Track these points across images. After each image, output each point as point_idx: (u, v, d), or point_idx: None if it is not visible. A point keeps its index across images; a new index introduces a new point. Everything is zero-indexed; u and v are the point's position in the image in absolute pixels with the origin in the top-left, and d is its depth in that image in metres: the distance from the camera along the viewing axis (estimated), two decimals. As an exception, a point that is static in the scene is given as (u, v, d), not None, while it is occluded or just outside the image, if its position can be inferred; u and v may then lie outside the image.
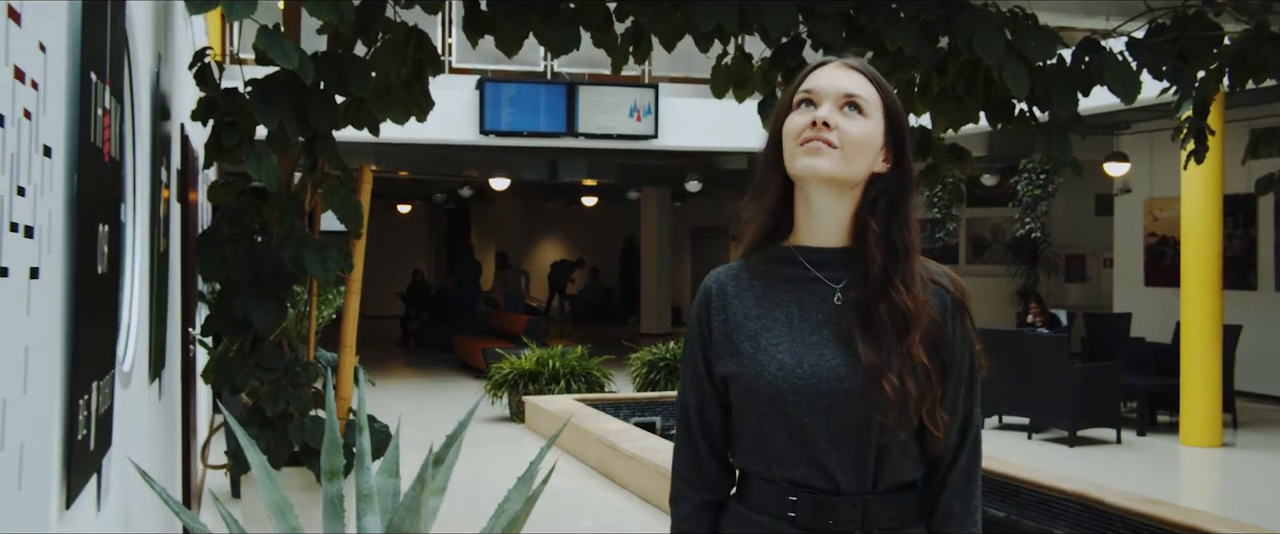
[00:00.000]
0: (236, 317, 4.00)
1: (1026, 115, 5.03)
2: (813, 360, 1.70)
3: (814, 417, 1.68)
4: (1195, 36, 5.00)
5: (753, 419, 1.75)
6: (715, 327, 1.79)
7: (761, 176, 1.80)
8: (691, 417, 1.82)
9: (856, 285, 1.73)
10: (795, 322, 1.74)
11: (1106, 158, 11.47)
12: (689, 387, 1.83)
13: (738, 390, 1.75)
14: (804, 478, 1.71)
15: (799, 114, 1.74)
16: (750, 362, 1.73)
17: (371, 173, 4.40)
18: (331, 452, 2.56)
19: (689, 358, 1.84)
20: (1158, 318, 11.60)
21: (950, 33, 4.45)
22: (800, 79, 1.78)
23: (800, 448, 1.70)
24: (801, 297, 1.75)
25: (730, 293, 1.80)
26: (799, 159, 1.71)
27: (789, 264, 1.77)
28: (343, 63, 3.90)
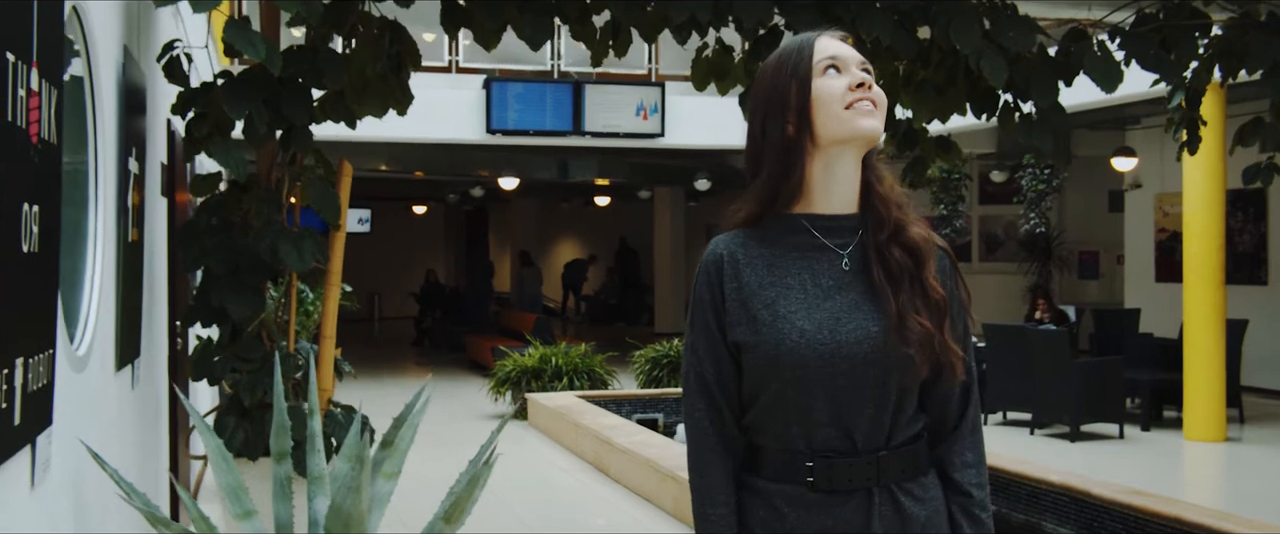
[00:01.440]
0: (214, 307, 4.06)
1: (1011, 107, 5.03)
2: (831, 326, 1.74)
3: (835, 380, 1.72)
4: (1181, 26, 4.98)
5: (772, 385, 1.75)
6: (728, 294, 1.78)
7: (778, 144, 1.78)
8: (711, 384, 1.80)
9: (868, 241, 1.78)
10: (809, 288, 1.77)
11: (1114, 152, 11.41)
12: (704, 356, 1.80)
13: (755, 359, 1.75)
14: (823, 441, 1.75)
15: (833, 79, 1.76)
16: (770, 330, 1.74)
17: (351, 168, 4.44)
18: (279, 434, 2.59)
19: (701, 326, 1.81)
20: (1167, 314, 11.53)
21: (927, 22, 4.45)
22: (805, 49, 1.79)
23: (821, 411, 1.73)
24: (811, 264, 1.78)
25: (741, 261, 1.79)
26: (856, 121, 1.74)
27: (796, 232, 1.79)
28: (317, 56, 3.94)
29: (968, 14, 4.40)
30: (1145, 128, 12.22)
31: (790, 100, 1.77)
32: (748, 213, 1.83)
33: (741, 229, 1.84)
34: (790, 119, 1.77)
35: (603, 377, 9.88)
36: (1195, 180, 8.79)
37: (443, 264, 25.00)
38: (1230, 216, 11.46)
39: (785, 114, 1.78)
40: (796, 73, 1.78)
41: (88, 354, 2.67)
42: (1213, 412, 8.66)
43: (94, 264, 2.83)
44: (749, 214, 1.83)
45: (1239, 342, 9.39)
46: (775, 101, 1.79)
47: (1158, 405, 9.47)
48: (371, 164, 14.08)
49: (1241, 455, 8.51)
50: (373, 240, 23.73)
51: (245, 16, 3.45)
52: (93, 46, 2.75)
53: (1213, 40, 5.32)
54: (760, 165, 1.82)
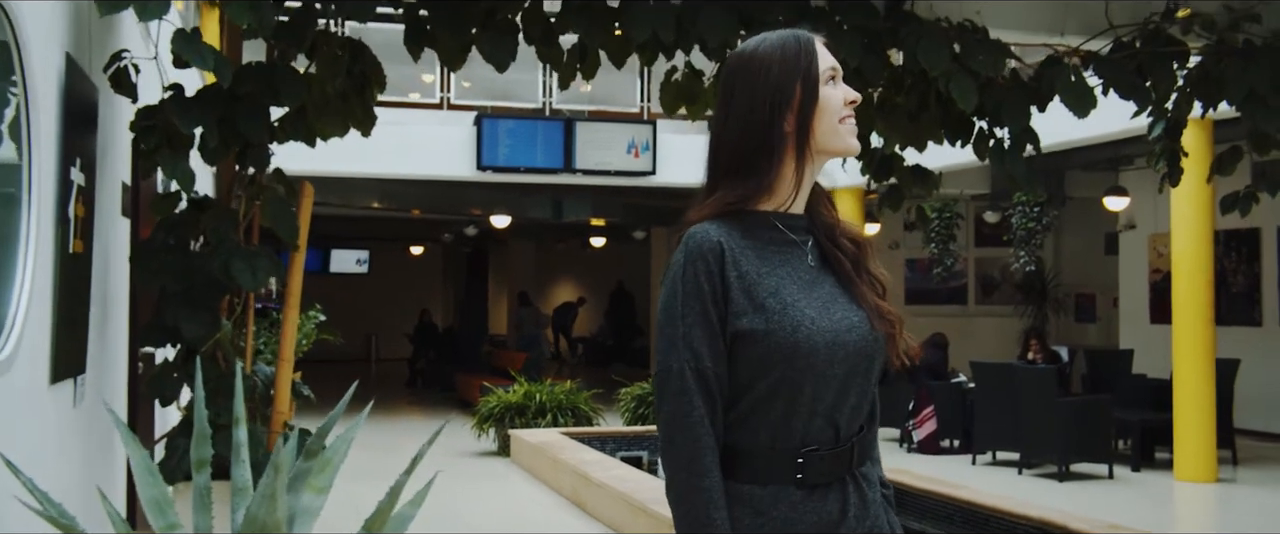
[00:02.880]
0: (168, 327, 3.99)
1: (986, 134, 4.98)
2: (827, 315, 1.74)
3: (833, 369, 1.71)
4: (1158, 53, 4.94)
5: (769, 376, 1.70)
6: (731, 282, 1.71)
7: (773, 139, 1.75)
8: (711, 380, 1.69)
9: (820, 238, 1.82)
10: (796, 280, 1.76)
11: (1106, 191, 11.35)
12: (703, 350, 1.69)
13: (765, 348, 1.69)
14: (815, 434, 1.72)
15: (831, 90, 1.78)
16: (781, 317, 1.70)
17: (312, 189, 4.39)
18: (200, 443, 2.52)
19: (698, 316, 1.70)
20: (1161, 355, 11.40)
21: (896, 44, 4.42)
22: (811, 50, 1.77)
23: (819, 401, 1.71)
24: (787, 258, 1.78)
25: (735, 250, 1.73)
26: (848, 138, 1.79)
27: (764, 228, 1.78)
28: (275, 72, 3.91)
29: (937, 36, 4.37)
30: (1138, 169, 12.16)
31: (795, 99, 1.75)
32: (726, 203, 1.77)
33: (716, 220, 1.77)
34: (791, 118, 1.75)
35: (587, 413, 9.77)
36: (1183, 217, 8.73)
37: (440, 305, 24.93)
38: (1223, 257, 11.41)
39: (786, 111, 1.75)
40: (808, 75, 1.76)
41: (12, 359, 2.61)
42: (1203, 452, 8.53)
43: (25, 270, 2.77)
44: (727, 205, 1.77)
45: (1231, 381, 9.28)
46: (781, 96, 1.75)
47: (1149, 446, 9.35)
48: (364, 201, 14.06)
49: (1232, 496, 8.37)
50: (370, 281, 23.71)
51: (195, 28, 3.42)
52: (25, 49, 2.71)
53: (1191, 70, 5.28)
54: (744, 154, 1.77)
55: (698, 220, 1.79)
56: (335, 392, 3.32)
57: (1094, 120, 8.21)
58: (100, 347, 3.99)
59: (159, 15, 3.19)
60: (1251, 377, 10.10)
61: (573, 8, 4.17)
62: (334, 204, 14.16)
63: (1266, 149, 5.21)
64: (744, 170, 1.77)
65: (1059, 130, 9.48)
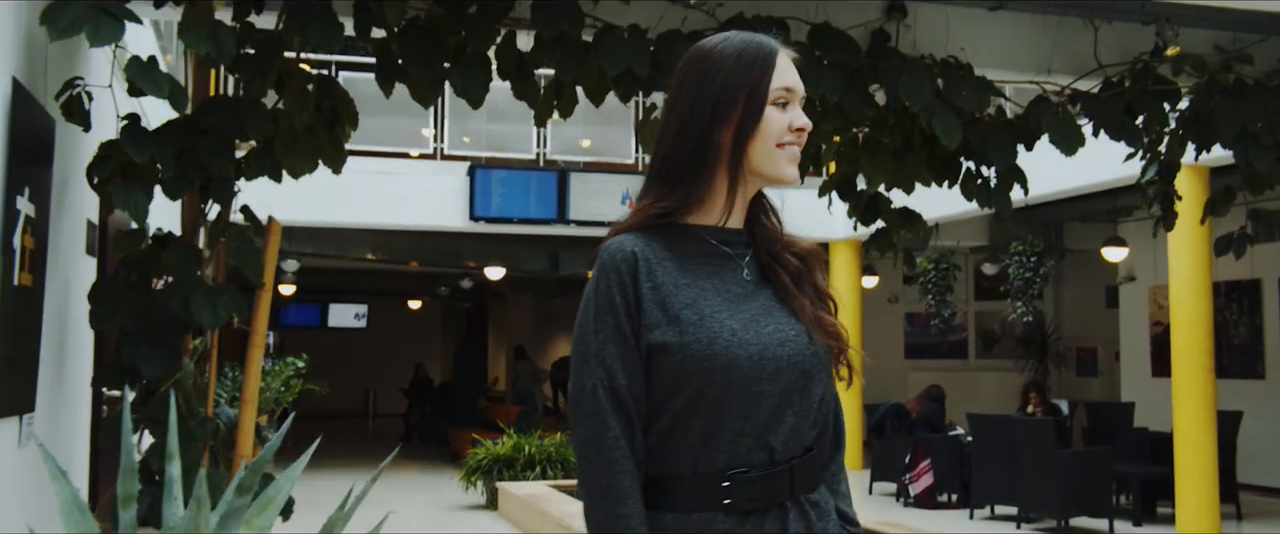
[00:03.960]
0: (126, 366, 3.87)
1: (973, 174, 4.88)
2: (755, 328, 1.63)
3: (762, 385, 1.60)
4: (1147, 91, 4.86)
5: (685, 392, 1.58)
6: (644, 293, 1.60)
7: (698, 154, 1.65)
8: (626, 398, 1.58)
9: (761, 253, 1.72)
10: (722, 292, 1.66)
11: (1104, 242, 11.25)
12: (617, 366, 1.58)
13: (679, 363, 1.57)
14: (743, 455, 1.60)
15: (777, 112, 1.66)
16: (698, 329, 1.58)
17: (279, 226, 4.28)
18: (127, 477, 2.39)
19: (612, 332, 1.59)
20: (1162, 408, 11.21)
21: (877, 80, 4.33)
22: (768, 65, 1.66)
23: (745, 420, 1.59)
24: (717, 269, 1.68)
25: (652, 261, 1.63)
26: (782, 166, 1.67)
27: (692, 241, 1.68)
28: (240, 105, 3.82)
29: (919, 72, 4.28)
30: (1137, 220, 12.07)
31: (736, 112, 1.64)
32: (651, 215, 1.66)
33: (636, 232, 1.67)
34: (728, 131, 1.65)
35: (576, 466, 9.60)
36: (1181, 268, 8.62)
37: (439, 360, 24.77)
38: (1224, 309, 11.27)
39: (725, 122, 1.65)
40: (755, 90, 1.64)
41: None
42: (1205, 505, 8.34)
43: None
44: (651, 216, 1.66)
45: (1233, 434, 9.11)
46: (723, 104, 1.65)
47: (1150, 500, 9.15)
48: (359, 252, 14.00)
49: (1237, 552, 8.18)
50: (369, 336, 23.56)
51: (152, 57, 3.33)
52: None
53: (1183, 112, 5.20)
54: (677, 162, 1.67)
55: (618, 232, 1.68)
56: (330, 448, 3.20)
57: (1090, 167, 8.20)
58: (56, 385, 3.86)
59: (112, 40, 3.11)
60: (1255, 430, 9.92)
61: (546, 42, 4.09)
62: (330, 255, 14.10)
63: (1260, 189, 5.11)
64: (675, 179, 1.67)
65: (1055, 178, 9.49)
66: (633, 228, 1.67)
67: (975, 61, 4.64)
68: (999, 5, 5.00)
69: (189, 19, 3.32)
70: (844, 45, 4.28)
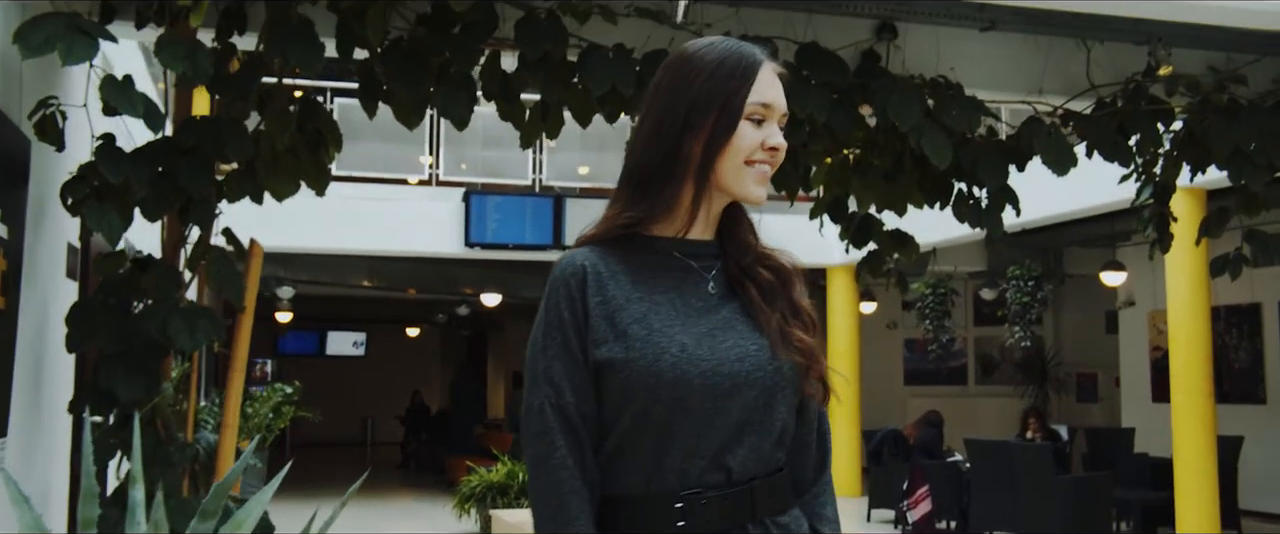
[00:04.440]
0: (103, 391, 3.81)
1: (965, 195, 4.83)
2: (710, 343, 1.56)
3: (716, 404, 1.53)
4: (1139, 112, 4.81)
5: (631, 410, 1.52)
6: (592, 307, 1.55)
7: (666, 163, 1.58)
8: (574, 417, 1.53)
9: (731, 266, 1.66)
10: (679, 306, 1.59)
11: (1103, 266, 11.19)
12: (564, 383, 1.54)
13: (625, 380, 1.51)
14: (697, 475, 1.53)
15: (753, 128, 1.59)
16: (644, 344, 1.52)
17: (261, 249, 4.23)
18: (87, 502, 2.33)
19: (559, 348, 1.55)
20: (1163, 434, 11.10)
21: (866, 100, 4.28)
22: (747, 78, 1.58)
23: (698, 440, 1.53)
24: (678, 283, 1.61)
25: (604, 274, 1.58)
26: (748, 185, 1.59)
27: (654, 253, 1.62)
28: (220, 125, 3.77)
29: (908, 92, 4.24)
30: (1136, 245, 12.01)
31: (709, 124, 1.57)
32: (617, 225, 1.61)
33: (594, 245, 1.63)
34: (698, 142, 1.58)
35: (574, 493, 9.50)
36: (1179, 292, 8.56)
37: (438, 388, 24.67)
38: (1224, 333, 11.20)
39: (696, 133, 1.58)
40: (729, 102, 1.57)
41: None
42: (1206, 531, 8.25)
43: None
44: (616, 227, 1.61)
45: (1234, 460, 9.03)
46: (697, 113, 1.58)
47: (1151, 526, 9.06)
48: (354, 279, 13.94)
49: (1239, 579, 8.08)
50: (367, 364, 23.50)
51: (128, 76, 3.29)
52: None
53: (1177, 133, 5.16)
54: (646, 170, 1.60)
55: (582, 244, 1.64)
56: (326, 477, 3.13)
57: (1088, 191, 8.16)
58: (32, 410, 3.81)
59: (85, 58, 3.07)
60: (1256, 455, 9.83)
61: (529, 62, 4.05)
62: (326, 282, 14.04)
63: (1255, 210, 5.06)
64: (643, 188, 1.61)
65: (1053, 202, 9.44)
66: (596, 238, 1.64)
67: (966, 82, 4.60)
68: (990, 25, 4.96)
69: (165, 38, 3.27)
70: (832, 65, 4.24)
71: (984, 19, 4.94)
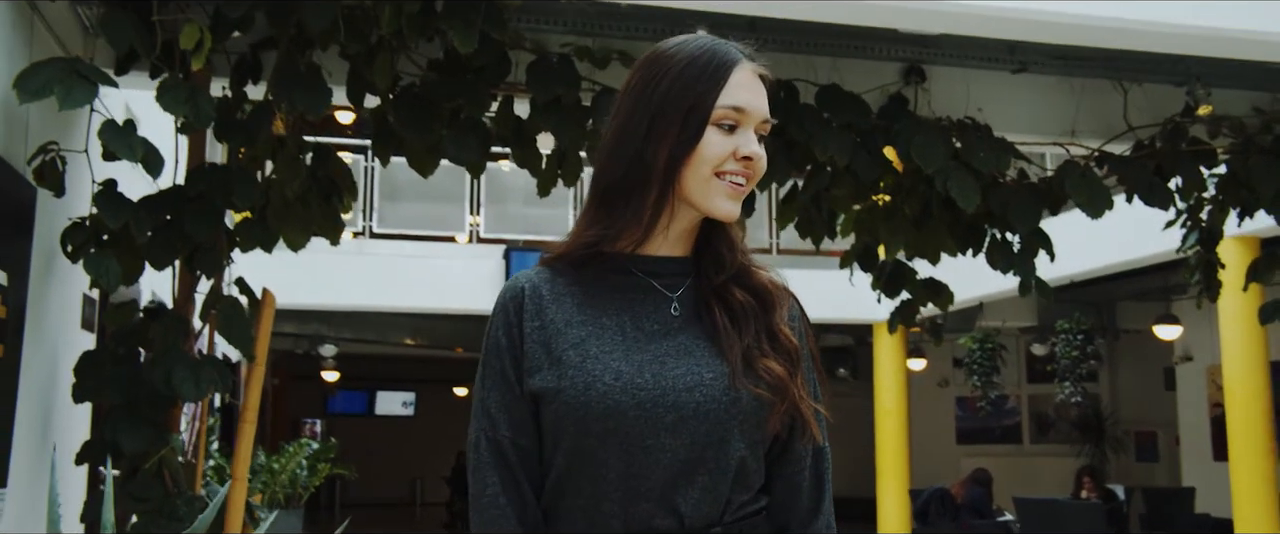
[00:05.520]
0: (108, 442, 3.75)
1: (999, 241, 4.67)
2: (654, 369, 1.40)
3: (659, 438, 1.37)
4: (1180, 153, 4.65)
5: (563, 446, 1.39)
6: (528, 333, 1.43)
7: (629, 174, 1.44)
8: (507, 451, 1.41)
9: (703, 284, 1.49)
10: (628, 330, 1.44)
11: (1156, 319, 10.88)
12: (498, 415, 1.42)
13: (556, 411, 1.39)
14: (644, 520, 1.38)
15: (722, 135, 1.42)
16: (577, 372, 1.39)
17: (274, 298, 4.17)
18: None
19: (496, 377, 1.44)
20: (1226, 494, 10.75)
21: (888, 142, 4.16)
22: (717, 81, 1.43)
23: (639, 479, 1.37)
24: (633, 304, 1.46)
25: (546, 296, 1.46)
26: (714, 199, 1.43)
27: (614, 272, 1.48)
28: (229, 173, 3.74)
29: (933, 132, 4.12)
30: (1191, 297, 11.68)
31: (675, 130, 1.42)
32: (583, 244, 1.46)
33: (547, 265, 1.51)
34: (663, 150, 1.43)
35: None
36: (1234, 345, 8.27)
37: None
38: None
39: (661, 141, 1.43)
40: (696, 106, 1.42)
41: None
42: (1272, 596, 7.89)
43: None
44: (582, 246, 1.47)
45: (1299, 519, 8.64)
46: (661, 118, 1.43)
47: (1214, 591, 8.70)
48: (398, 337, 13.93)
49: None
50: (417, 424, 23.45)
51: (129, 120, 3.26)
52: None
53: (1222, 176, 4.98)
54: (611, 181, 1.46)
55: (542, 264, 1.52)
56: None
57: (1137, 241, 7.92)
58: (38, 460, 3.76)
59: (83, 103, 3.04)
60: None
61: (541, 106, 3.98)
62: (370, 340, 14.05)
63: (1306, 254, 4.86)
64: (608, 201, 1.46)
65: (1102, 254, 9.20)
66: (559, 257, 1.50)
67: (996, 124, 4.47)
68: (1021, 68, 4.84)
69: (167, 83, 3.24)
70: (853, 106, 4.13)
71: (1015, 61, 4.82)
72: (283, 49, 3.72)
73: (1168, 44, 4.18)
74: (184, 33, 3.25)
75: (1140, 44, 4.11)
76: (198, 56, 3.27)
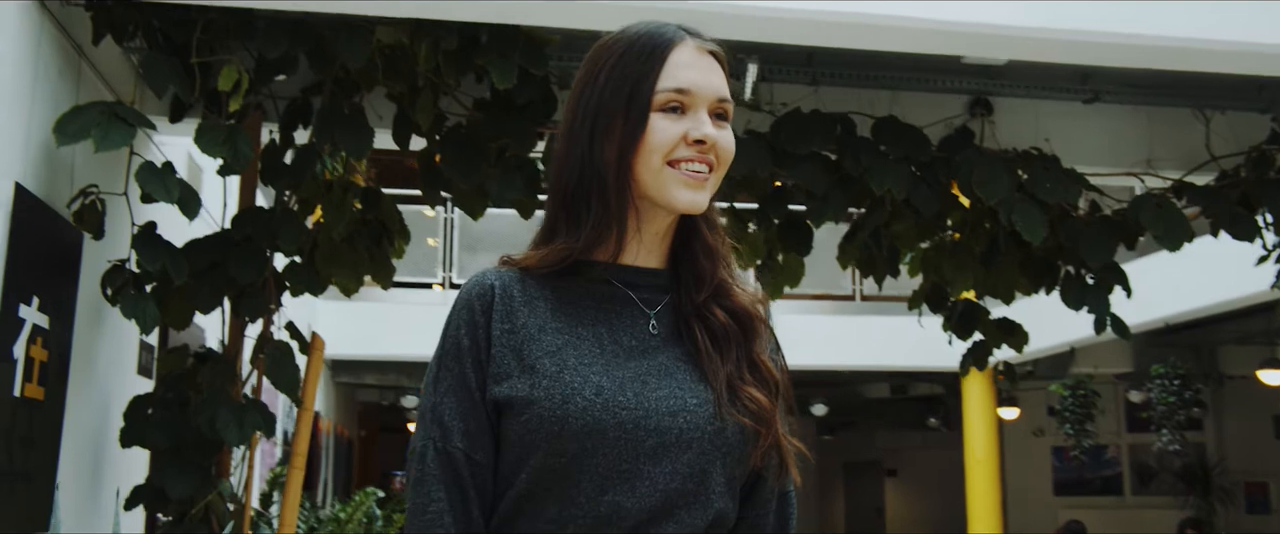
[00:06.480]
0: (154, 487, 3.74)
1: (1074, 277, 4.46)
2: (637, 390, 1.28)
3: (637, 464, 1.25)
4: (1266, 181, 4.41)
5: (530, 463, 1.26)
6: (496, 336, 1.31)
7: (583, 177, 1.33)
8: (460, 464, 1.27)
9: (683, 301, 1.38)
10: (606, 343, 1.32)
11: (1260, 364, 10.38)
12: (453, 424, 1.28)
13: (526, 424, 1.26)
14: None
15: (669, 120, 1.31)
16: (553, 382, 1.26)
17: (323, 342, 4.14)
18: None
19: (453, 382, 1.30)
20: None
21: (950, 174, 4.00)
22: (653, 64, 1.32)
23: (611, 508, 1.25)
24: (610, 316, 1.35)
25: (517, 298, 1.33)
26: (680, 190, 1.31)
27: (594, 280, 1.37)
28: (274, 216, 3.73)
29: (994, 162, 3.95)
30: (1298, 341, 11.16)
31: (619, 124, 1.32)
32: (556, 257, 1.34)
33: (514, 266, 1.38)
34: (612, 146, 1.32)
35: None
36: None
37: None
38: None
39: (608, 136, 1.32)
40: (635, 92, 1.32)
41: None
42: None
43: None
44: (539, 260, 1.35)
45: None
46: (603, 114, 1.33)
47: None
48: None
49: None
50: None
51: (168, 162, 3.27)
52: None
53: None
54: (566, 187, 1.35)
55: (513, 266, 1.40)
56: None
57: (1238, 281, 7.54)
58: (88, 506, 3.76)
59: (120, 145, 3.05)
60: None
61: (589, 143, 3.91)
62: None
63: None
64: (570, 209, 1.35)
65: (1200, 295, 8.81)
66: (529, 269, 1.38)
67: (1066, 156, 4.27)
68: (1093, 97, 4.65)
69: (205, 125, 3.24)
70: (911, 138, 3.99)
71: (1087, 90, 4.64)
72: (327, 91, 3.72)
73: (1252, 65, 3.95)
74: (222, 74, 3.26)
75: (1223, 67, 3.88)
76: (236, 98, 3.27)
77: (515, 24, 3.43)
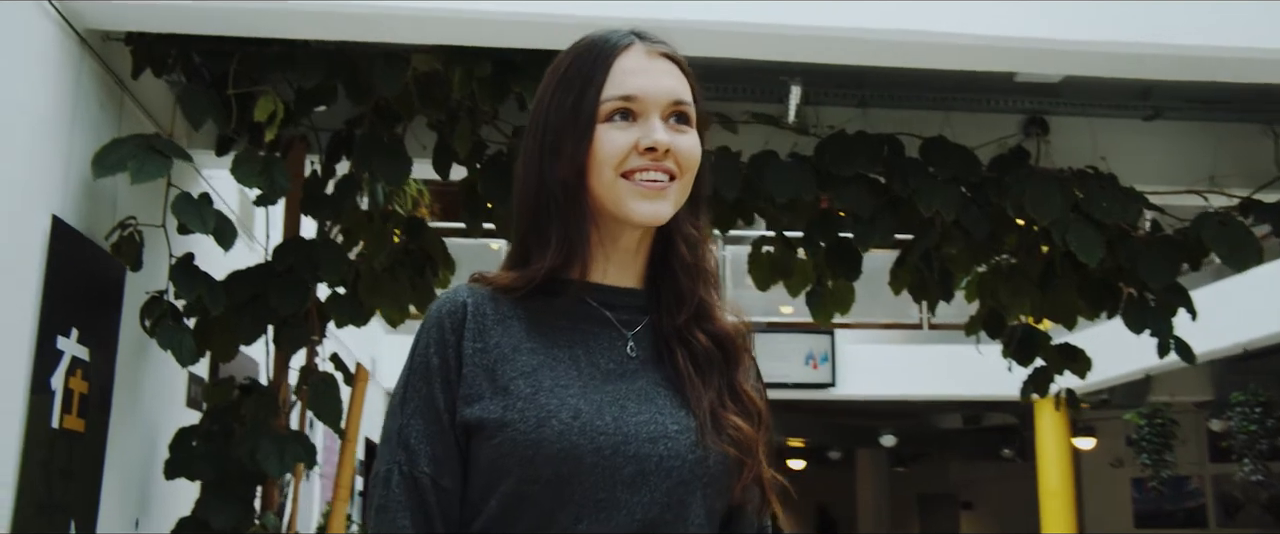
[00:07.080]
0: (198, 520, 3.74)
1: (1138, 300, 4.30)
2: (615, 414, 1.22)
3: (614, 493, 1.19)
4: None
5: (501, 489, 1.20)
6: (468, 355, 1.24)
7: (541, 196, 1.28)
8: (426, 489, 1.21)
9: (664, 323, 1.31)
10: (583, 365, 1.26)
11: (1345, 391, 10.00)
12: (419, 446, 1.23)
13: (498, 448, 1.20)
14: None
15: (618, 130, 1.26)
16: (528, 405, 1.20)
17: (367, 373, 4.13)
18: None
19: (421, 404, 1.24)
20: None
21: (1000, 194, 3.89)
22: (597, 72, 1.27)
23: None
24: (586, 337, 1.29)
25: (489, 316, 1.27)
26: (635, 203, 1.25)
27: (571, 299, 1.30)
28: (315, 247, 3.73)
29: (1047, 181, 3.83)
30: (1388, 367, 10.73)
31: (566, 140, 1.26)
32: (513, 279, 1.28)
33: (485, 284, 1.32)
34: (564, 162, 1.27)
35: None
36: None
37: None
38: None
39: (561, 153, 1.27)
40: (579, 104, 1.26)
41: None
42: None
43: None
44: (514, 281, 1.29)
45: None
46: (550, 133, 1.28)
47: None
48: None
49: None
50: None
51: (205, 193, 3.28)
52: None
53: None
54: (526, 206, 1.30)
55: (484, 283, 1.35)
56: None
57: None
58: None
59: (155, 177, 3.06)
60: None
61: (629, 169, 3.86)
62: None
63: None
64: (533, 227, 1.29)
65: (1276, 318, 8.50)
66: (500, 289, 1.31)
67: (1125, 175, 4.13)
68: (1154, 114, 4.51)
69: (242, 156, 3.25)
70: (960, 159, 3.88)
71: (1148, 107, 4.50)
72: (367, 120, 3.72)
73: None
74: (258, 105, 3.27)
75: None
76: (271, 128, 3.28)
77: (551, 49, 3.40)
